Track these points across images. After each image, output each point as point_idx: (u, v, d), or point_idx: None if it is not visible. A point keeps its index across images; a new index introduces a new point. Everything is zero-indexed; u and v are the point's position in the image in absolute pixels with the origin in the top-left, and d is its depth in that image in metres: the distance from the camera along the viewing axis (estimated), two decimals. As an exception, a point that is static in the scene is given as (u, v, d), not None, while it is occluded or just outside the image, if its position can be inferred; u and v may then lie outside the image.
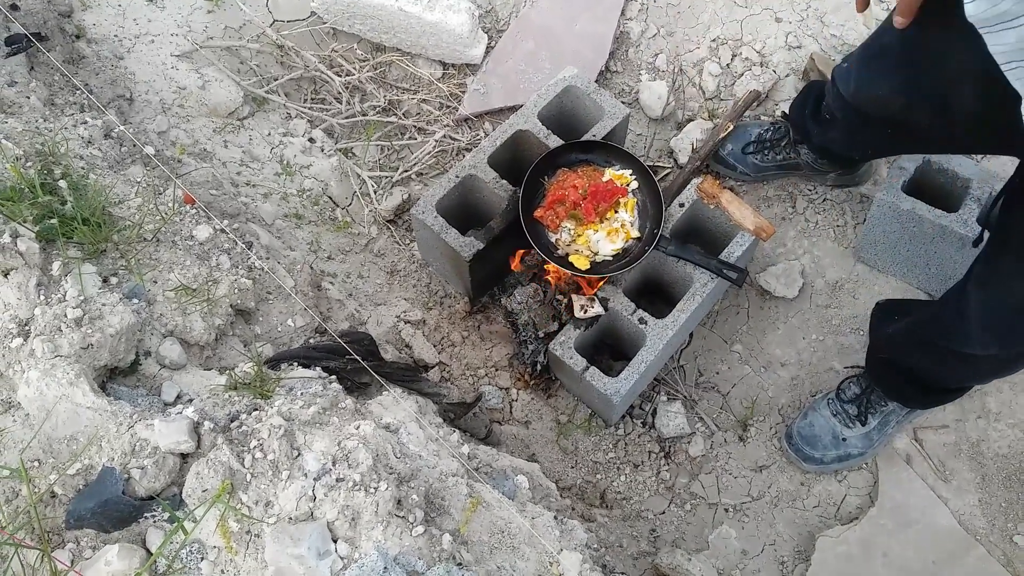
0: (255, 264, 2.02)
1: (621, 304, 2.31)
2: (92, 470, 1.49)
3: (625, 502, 2.40)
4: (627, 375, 2.23)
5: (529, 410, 2.49)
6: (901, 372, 2.21)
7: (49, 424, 1.52)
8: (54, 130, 2.05)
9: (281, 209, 2.57)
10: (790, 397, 2.51)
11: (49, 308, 1.60)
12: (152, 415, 1.53)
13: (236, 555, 1.39)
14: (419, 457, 1.59)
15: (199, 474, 1.41)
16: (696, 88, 2.90)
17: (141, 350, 1.72)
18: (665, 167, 2.82)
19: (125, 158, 2.17)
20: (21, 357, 1.57)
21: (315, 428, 1.49)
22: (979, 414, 2.43)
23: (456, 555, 1.42)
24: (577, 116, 2.60)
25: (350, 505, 1.38)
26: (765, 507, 2.38)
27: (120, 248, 1.81)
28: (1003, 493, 2.36)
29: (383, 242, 2.69)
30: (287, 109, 2.79)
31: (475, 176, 2.43)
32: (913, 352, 2.13)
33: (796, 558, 2.31)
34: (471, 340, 2.56)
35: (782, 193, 2.75)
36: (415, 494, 1.44)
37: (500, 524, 1.58)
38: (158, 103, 2.53)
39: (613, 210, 2.36)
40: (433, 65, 2.93)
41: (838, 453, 2.33)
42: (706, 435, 2.48)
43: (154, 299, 1.77)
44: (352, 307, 2.40)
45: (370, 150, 2.81)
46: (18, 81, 2.17)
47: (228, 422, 1.53)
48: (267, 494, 1.40)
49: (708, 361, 2.57)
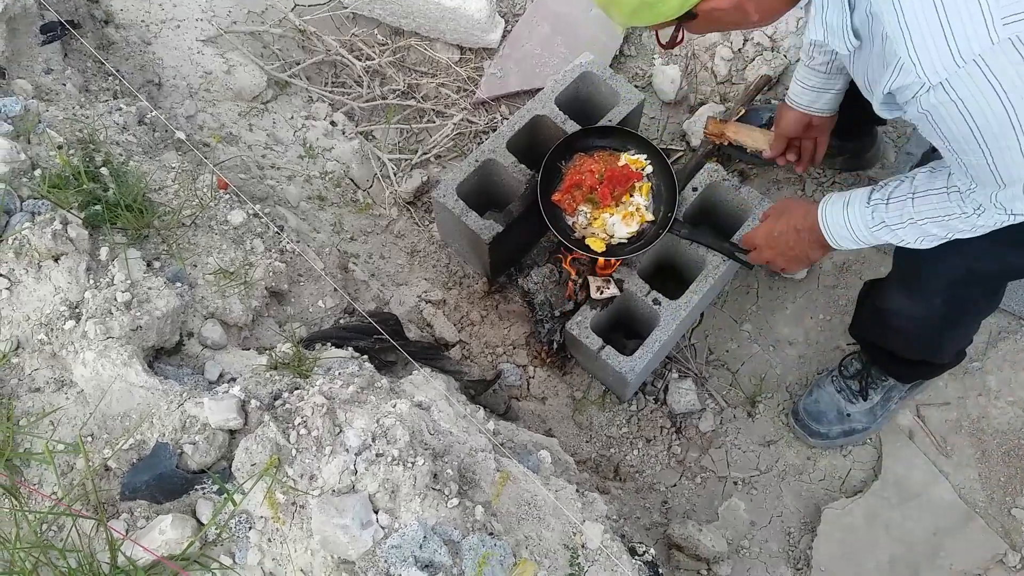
0: (286, 247, 2.10)
1: (636, 285, 2.39)
2: (144, 445, 1.59)
3: (638, 475, 2.50)
4: (641, 354, 2.32)
5: (546, 387, 2.58)
6: (883, 349, 2.31)
7: (103, 402, 1.61)
8: (91, 117, 2.12)
9: (305, 191, 2.65)
10: (797, 375, 2.60)
11: (99, 292, 1.69)
12: (199, 394, 1.62)
13: (283, 525, 1.49)
14: (450, 434, 1.68)
15: (248, 449, 1.51)
16: (708, 72, 2.97)
17: (184, 331, 1.81)
18: (678, 150, 2.89)
19: (158, 143, 2.25)
20: (74, 339, 1.66)
21: (354, 406, 1.58)
22: (980, 392, 2.53)
23: (488, 525, 1.51)
24: (593, 101, 2.67)
25: (390, 479, 1.47)
26: (773, 480, 2.48)
27: (161, 233, 1.89)
28: (1002, 468, 2.45)
29: (403, 223, 2.77)
30: (309, 93, 2.86)
31: (494, 160, 2.50)
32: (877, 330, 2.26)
33: (802, 529, 2.41)
34: (490, 319, 2.65)
35: (792, 176, 2.82)
36: (449, 468, 1.54)
37: (526, 497, 1.68)
38: (185, 88, 2.59)
39: (628, 194, 2.43)
40: (451, 49, 2.99)
41: (843, 428, 2.42)
42: (716, 411, 2.57)
43: (195, 282, 1.86)
44: (376, 288, 2.48)
45: (390, 133, 2.88)
46: (54, 68, 2.24)
47: (272, 400, 1.62)
48: (311, 468, 1.50)
49: (718, 340, 2.66)
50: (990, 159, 1.48)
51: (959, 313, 2.03)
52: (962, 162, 1.55)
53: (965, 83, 1.33)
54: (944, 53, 1.32)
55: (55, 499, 1.57)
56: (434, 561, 1.41)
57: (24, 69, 2.17)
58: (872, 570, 2.32)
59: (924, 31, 1.33)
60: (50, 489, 1.61)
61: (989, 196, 1.60)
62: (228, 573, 1.49)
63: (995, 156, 1.47)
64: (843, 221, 1.89)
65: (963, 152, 1.51)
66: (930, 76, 1.35)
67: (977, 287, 1.95)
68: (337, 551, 1.43)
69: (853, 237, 1.89)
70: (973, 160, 1.51)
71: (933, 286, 1.94)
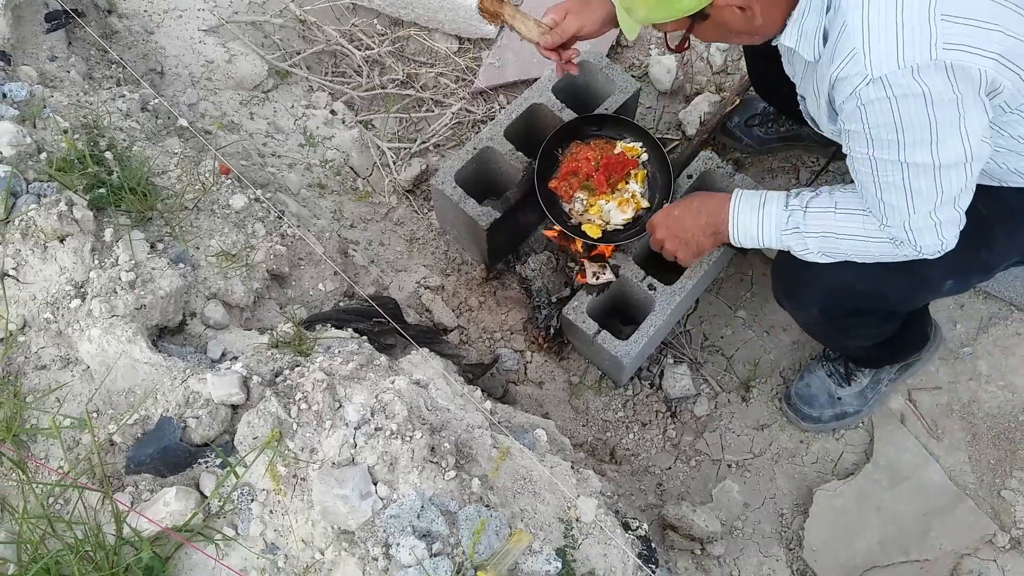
0: (287, 232, 2.14)
1: (631, 271, 2.43)
2: (149, 420, 1.63)
3: (634, 458, 2.54)
4: (636, 338, 2.35)
5: (543, 371, 2.62)
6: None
7: (109, 378, 1.65)
8: (95, 103, 2.15)
9: (305, 179, 2.69)
10: (791, 360, 2.64)
11: (104, 271, 1.73)
12: (202, 370, 1.66)
13: (284, 496, 1.52)
14: (447, 410, 1.72)
15: (250, 423, 1.55)
16: (704, 62, 3.00)
17: (187, 311, 1.85)
18: (673, 139, 2.92)
19: (161, 130, 2.29)
20: (79, 317, 1.70)
21: (354, 382, 1.62)
22: (970, 376, 2.56)
23: (484, 497, 1.55)
24: (590, 90, 2.70)
25: (388, 451, 1.51)
26: (766, 463, 2.52)
27: (164, 216, 1.93)
28: (992, 451, 2.49)
29: (402, 211, 2.81)
30: (309, 82, 2.90)
31: (492, 148, 2.53)
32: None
33: (795, 510, 2.45)
34: (487, 305, 2.69)
35: (786, 165, 2.86)
36: (446, 442, 1.57)
37: (522, 472, 1.71)
38: (187, 76, 2.63)
39: (624, 181, 2.46)
40: (449, 39, 3.03)
41: (835, 412, 2.46)
42: (710, 396, 2.61)
43: (198, 264, 1.90)
44: (376, 273, 2.52)
45: (389, 122, 2.92)
46: (58, 56, 2.27)
47: (273, 377, 1.66)
48: (312, 441, 1.54)
49: (713, 326, 2.70)
50: (906, 176, 1.60)
51: (841, 321, 2.11)
52: (879, 184, 1.65)
53: (901, 83, 1.49)
54: (891, 53, 1.48)
55: (62, 473, 1.60)
56: (432, 530, 1.45)
57: (29, 56, 2.20)
58: (863, 550, 2.36)
59: (880, 31, 1.49)
60: (56, 463, 1.65)
61: (903, 225, 1.70)
62: (231, 544, 1.53)
63: (910, 171, 1.59)
64: (756, 218, 1.95)
65: (883, 167, 1.62)
66: (875, 68, 1.49)
67: (853, 302, 2.02)
68: (337, 521, 1.47)
69: (757, 235, 1.96)
70: (891, 178, 1.62)
71: (810, 297, 2.04)
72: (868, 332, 2.24)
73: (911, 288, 1.97)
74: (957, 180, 1.62)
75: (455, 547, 1.46)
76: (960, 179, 1.62)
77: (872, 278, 1.90)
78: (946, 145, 1.55)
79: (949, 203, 1.66)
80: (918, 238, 1.72)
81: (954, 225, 1.72)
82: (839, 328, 2.21)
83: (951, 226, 1.72)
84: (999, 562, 2.34)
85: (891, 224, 1.73)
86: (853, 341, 2.35)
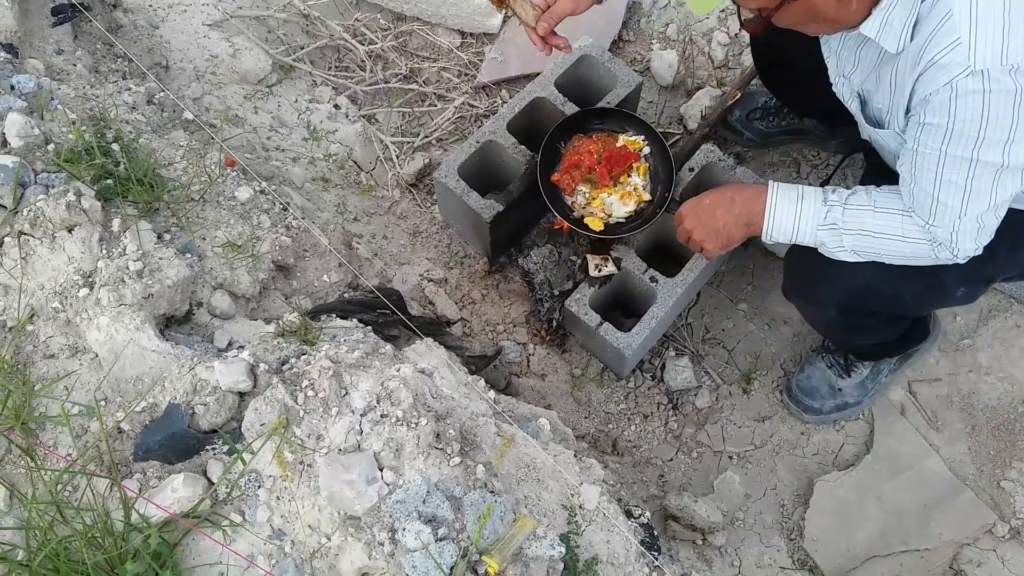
0: (292, 223, 2.15)
1: (633, 263, 2.44)
2: (157, 408, 1.64)
3: (635, 450, 2.56)
4: (639, 330, 2.37)
5: (545, 364, 2.63)
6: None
7: (117, 366, 1.67)
8: (101, 96, 2.17)
9: (309, 173, 2.70)
10: (792, 352, 2.66)
11: (111, 261, 1.75)
12: (210, 359, 1.67)
13: (291, 483, 1.54)
14: (452, 399, 1.74)
15: (257, 410, 1.56)
16: (705, 57, 3.02)
17: (194, 301, 1.87)
18: (675, 133, 2.94)
19: (166, 123, 2.30)
20: (87, 306, 1.72)
21: (359, 370, 1.63)
22: (971, 368, 2.58)
23: (489, 484, 1.57)
24: (592, 84, 2.72)
25: (394, 438, 1.52)
26: (767, 454, 2.54)
27: (171, 207, 1.95)
28: (992, 442, 2.51)
29: (405, 205, 2.82)
30: (313, 77, 2.91)
31: (495, 141, 2.55)
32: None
33: (796, 501, 2.47)
34: (490, 298, 2.70)
35: (787, 159, 2.87)
36: (451, 429, 1.59)
37: (526, 459, 1.73)
38: (192, 71, 2.65)
39: (626, 174, 2.48)
40: (452, 34, 3.04)
41: (836, 403, 2.48)
42: (712, 388, 2.62)
43: (204, 254, 1.92)
44: (380, 265, 2.54)
45: (392, 116, 2.93)
46: (65, 49, 2.29)
47: (280, 365, 1.67)
48: (318, 428, 1.55)
49: (714, 319, 2.71)
50: (970, 175, 1.61)
51: (855, 321, 2.13)
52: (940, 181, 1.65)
53: (999, 79, 1.49)
54: (996, 49, 1.49)
55: (70, 460, 1.62)
56: (437, 516, 1.47)
57: (36, 49, 2.22)
58: (863, 540, 2.37)
59: (988, 25, 1.49)
60: (65, 450, 1.66)
61: (951, 225, 1.71)
62: (238, 530, 1.55)
63: (976, 170, 1.60)
64: (793, 212, 1.90)
65: (950, 163, 1.61)
66: (978, 61, 1.50)
67: (871, 303, 2.04)
68: (344, 507, 1.49)
69: (792, 230, 1.91)
70: (954, 176, 1.63)
71: (829, 295, 2.04)
72: (877, 332, 2.28)
73: (927, 293, 1.99)
74: (1012, 185, 1.64)
75: (460, 532, 1.47)
76: (1014, 185, 1.64)
77: (892, 281, 1.91)
78: (1019, 147, 1.55)
79: (995, 209, 1.68)
80: (960, 240, 1.73)
81: (990, 233, 1.75)
82: (851, 328, 2.23)
83: (988, 233, 1.74)
84: (999, 552, 2.36)
85: (938, 224, 1.72)
86: (860, 340, 2.38)
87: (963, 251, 1.76)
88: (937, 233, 1.75)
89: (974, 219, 1.69)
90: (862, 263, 1.88)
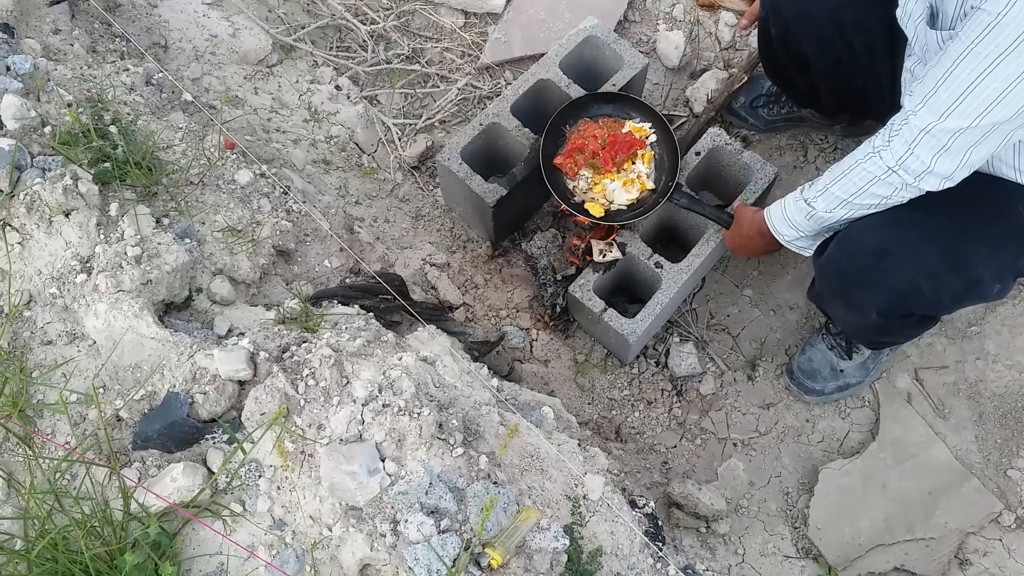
0: (293, 208, 2.12)
1: (638, 249, 2.41)
2: (155, 396, 1.62)
3: (639, 436, 2.54)
4: (643, 316, 2.34)
5: (548, 349, 2.61)
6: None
7: (115, 353, 1.64)
8: (99, 77, 2.13)
9: (310, 155, 2.67)
10: (797, 339, 2.63)
11: (109, 246, 1.72)
12: (209, 346, 1.65)
13: (292, 473, 1.52)
14: (455, 388, 1.71)
15: (257, 399, 1.54)
16: (712, 38, 2.97)
17: (193, 287, 1.84)
18: (681, 116, 2.90)
19: (165, 104, 2.27)
20: (85, 292, 1.69)
21: (361, 359, 1.61)
22: (978, 356, 2.56)
23: (492, 474, 1.55)
24: (597, 65, 2.67)
25: (396, 428, 1.50)
26: (772, 442, 2.52)
27: (170, 191, 1.92)
28: (998, 431, 2.49)
29: (408, 188, 2.79)
30: (314, 57, 2.87)
31: (498, 124, 2.51)
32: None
33: (800, 489, 2.45)
34: (493, 283, 2.68)
35: (794, 143, 2.84)
36: (454, 419, 1.57)
37: (529, 449, 1.71)
38: (191, 51, 2.61)
39: (630, 161, 2.44)
40: (455, 14, 3.00)
41: (837, 384, 2.47)
42: (716, 374, 2.60)
43: (203, 239, 1.89)
44: (381, 250, 2.51)
45: (394, 98, 2.89)
46: (62, 29, 2.25)
47: (280, 353, 1.65)
48: (319, 418, 1.53)
49: (719, 305, 2.68)
50: (986, 71, 1.51)
51: (891, 323, 2.11)
52: (951, 71, 1.56)
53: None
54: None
55: (68, 448, 1.60)
56: (440, 507, 1.45)
57: (32, 29, 2.18)
58: (868, 528, 2.36)
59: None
60: (63, 439, 1.64)
61: (915, 131, 1.65)
62: (239, 520, 1.53)
63: (994, 72, 1.49)
64: (782, 215, 2.05)
65: (972, 56, 1.51)
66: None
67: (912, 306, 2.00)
68: (345, 497, 1.47)
69: (794, 226, 2.04)
70: (968, 69, 1.53)
71: (873, 299, 2.02)
72: (906, 333, 2.31)
73: (966, 293, 1.94)
74: (1009, 110, 1.54)
75: (463, 524, 1.46)
76: (1013, 120, 1.55)
77: (934, 281, 1.87)
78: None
79: (979, 133, 1.59)
80: (918, 151, 1.65)
81: (955, 163, 1.65)
82: (885, 329, 2.21)
83: (953, 160, 1.64)
84: (1004, 541, 2.34)
85: (905, 134, 1.67)
86: (888, 339, 2.38)
87: (919, 164, 1.67)
88: (895, 146, 1.69)
89: (949, 132, 1.60)
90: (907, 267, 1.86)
